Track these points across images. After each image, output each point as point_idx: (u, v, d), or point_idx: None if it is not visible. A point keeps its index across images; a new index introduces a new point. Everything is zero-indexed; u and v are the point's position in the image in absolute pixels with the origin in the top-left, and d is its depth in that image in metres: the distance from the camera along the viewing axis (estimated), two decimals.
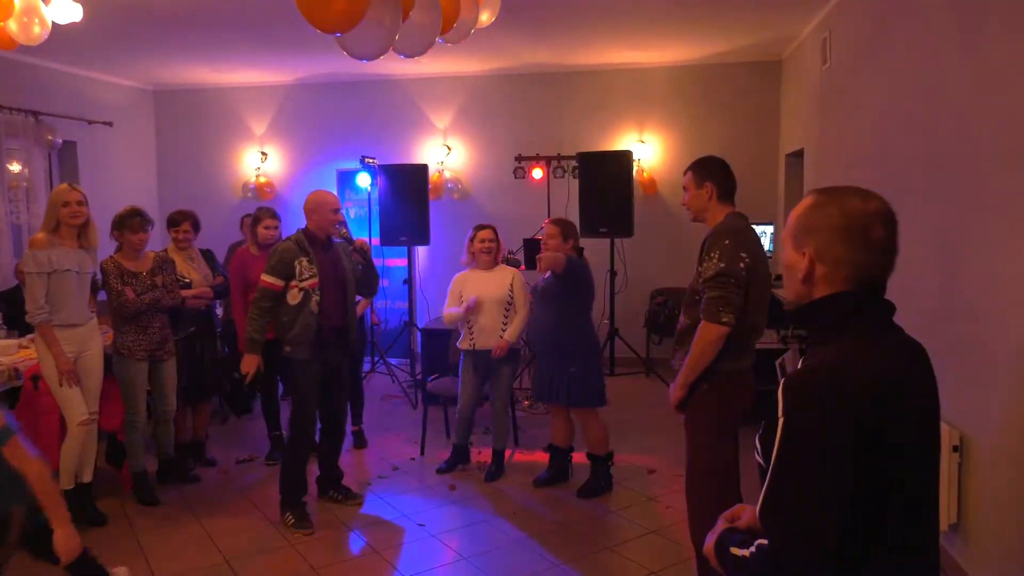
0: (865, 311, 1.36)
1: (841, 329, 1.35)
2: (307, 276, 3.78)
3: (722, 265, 2.69)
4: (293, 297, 3.78)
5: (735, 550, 1.39)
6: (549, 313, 4.13)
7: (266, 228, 4.74)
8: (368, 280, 4.15)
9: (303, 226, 3.93)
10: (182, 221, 4.58)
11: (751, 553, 1.34)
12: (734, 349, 2.77)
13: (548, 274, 4.10)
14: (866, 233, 1.33)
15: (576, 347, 4.11)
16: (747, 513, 1.52)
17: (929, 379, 1.40)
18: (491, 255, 4.50)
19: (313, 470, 4.14)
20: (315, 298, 3.79)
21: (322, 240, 3.91)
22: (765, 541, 1.31)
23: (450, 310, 4.51)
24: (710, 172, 2.90)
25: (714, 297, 2.70)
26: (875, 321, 1.37)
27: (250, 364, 3.80)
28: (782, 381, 1.31)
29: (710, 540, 1.48)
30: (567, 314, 4.10)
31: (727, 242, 2.73)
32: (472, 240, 4.55)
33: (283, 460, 4.01)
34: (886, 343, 1.36)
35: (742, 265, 2.70)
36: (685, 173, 2.98)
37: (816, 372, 1.32)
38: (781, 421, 1.28)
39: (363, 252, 4.09)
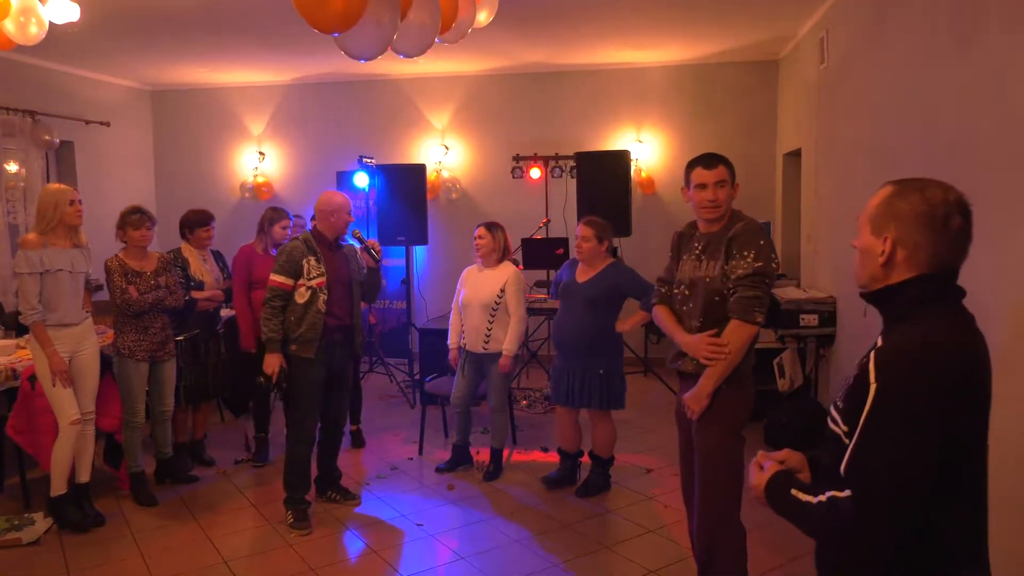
0: (944, 294, 1.44)
1: (923, 309, 1.42)
2: (315, 275, 3.82)
3: (759, 264, 2.65)
4: (301, 296, 3.80)
5: (798, 493, 1.46)
6: (585, 315, 4.04)
7: (283, 228, 4.76)
8: (372, 284, 4.16)
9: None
10: (210, 221, 4.63)
11: (819, 502, 1.40)
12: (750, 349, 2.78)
13: (590, 276, 4.07)
14: (947, 221, 1.40)
15: (609, 347, 4.10)
16: (795, 459, 1.63)
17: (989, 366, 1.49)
18: (482, 252, 4.49)
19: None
20: (322, 297, 3.82)
21: (330, 240, 3.94)
22: (840, 493, 1.37)
23: (453, 324, 4.61)
24: (726, 162, 2.81)
25: (749, 296, 2.65)
26: (953, 304, 1.46)
27: (272, 364, 3.77)
28: (873, 354, 1.39)
29: (762, 476, 1.55)
30: (604, 316, 4.07)
31: (762, 242, 2.69)
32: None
33: (286, 457, 4.00)
34: (966, 323, 1.44)
35: (775, 266, 2.70)
36: (715, 166, 2.75)
37: (911, 348, 1.37)
38: (874, 388, 1.35)
39: (374, 254, 4.12)
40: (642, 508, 4.06)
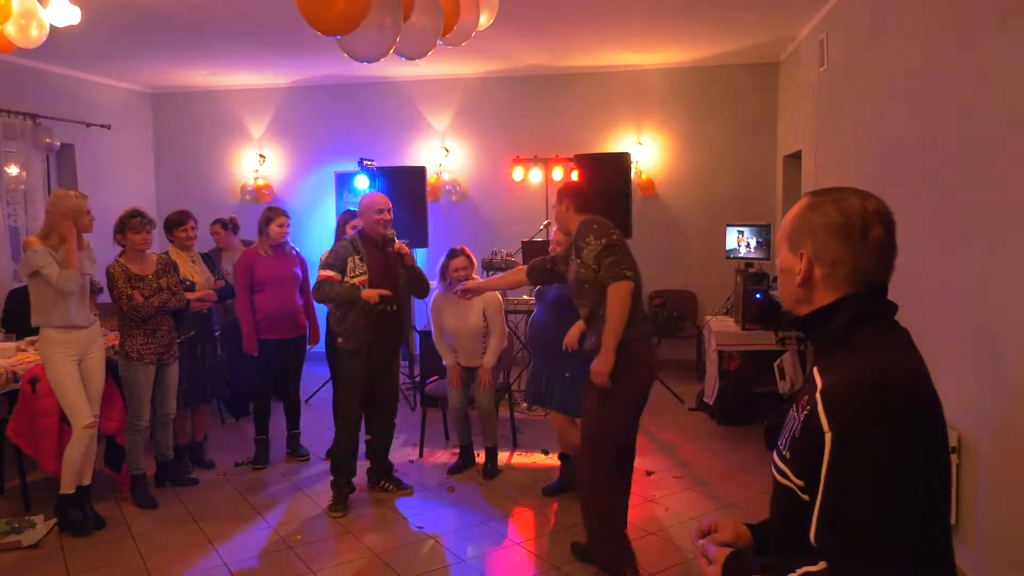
0: (877, 313, 1.30)
1: (858, 333, 1.28)
2: (357, 273, 4.01)
3: (602, 241, 3.08)
4: None
5: None
6: (553, 316, 4.05)
7: (280, 227, 4.72)
8: (413, 281, 4.25)
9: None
10: (187, 220, 4.59)
11: None
12: (632, 317, 3.07)
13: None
14: (865, 232, 1.27)
15: (575, 352, 3.99)
16: (730, 526, 1.44)
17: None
18: (464, 278, 4.43)
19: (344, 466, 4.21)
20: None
21: (375, 241, 4.09)
22: (813, 567, 1.19)
23: (443, 348, 4.69)
24: (565, 193, 3.41)
25: (611, 262, 3.06)
26: (888, 322, 1.31)
27: (371, 295, 3.93)
28: (820, 396, 1.22)
29: (713, 570, 1.34)
30: (570, 320, 3.97)
31: (595, 226, 3.14)
32: (445, 267, 4.52)
33: (333, 444, 4.26)
34: (907, 344, 1.30)
35: (615, 236, 3.13)
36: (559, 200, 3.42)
37: (863, 384, 1.20)
38: (830, 436, 1.18)
39: (401, 255, 4.17)
40: (643, 511, 4.05)
